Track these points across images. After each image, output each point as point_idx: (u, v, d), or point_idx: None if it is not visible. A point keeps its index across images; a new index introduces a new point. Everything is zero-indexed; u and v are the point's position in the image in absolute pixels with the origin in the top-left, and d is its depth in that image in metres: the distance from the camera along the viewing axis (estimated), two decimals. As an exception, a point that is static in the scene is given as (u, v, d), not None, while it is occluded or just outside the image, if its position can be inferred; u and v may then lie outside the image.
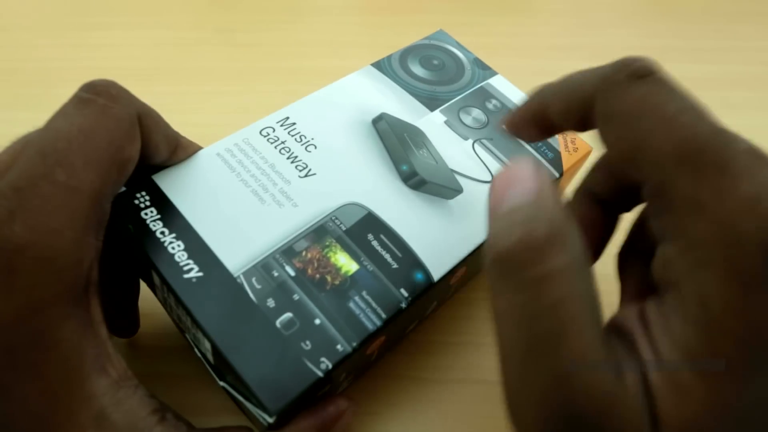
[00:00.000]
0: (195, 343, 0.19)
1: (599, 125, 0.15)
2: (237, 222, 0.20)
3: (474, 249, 0.21)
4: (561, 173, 0.24)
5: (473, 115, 0.25)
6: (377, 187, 0.22)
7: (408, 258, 0.20)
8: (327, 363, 0.17)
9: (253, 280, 0.18)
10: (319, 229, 0.20)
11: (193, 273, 0.18)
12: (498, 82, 0.27)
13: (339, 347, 0.17)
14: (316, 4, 0.44)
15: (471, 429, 0.23)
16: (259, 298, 0.18)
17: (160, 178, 0.20)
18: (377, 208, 0.21)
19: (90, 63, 0.38)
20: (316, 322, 0.18)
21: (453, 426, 0.23)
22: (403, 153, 0.23)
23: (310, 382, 0.17)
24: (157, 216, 0.19)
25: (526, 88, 0.38)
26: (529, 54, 0.41)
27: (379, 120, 0.24)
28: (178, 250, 0.19)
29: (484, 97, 0.26)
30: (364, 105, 0.24)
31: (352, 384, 0.23)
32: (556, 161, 0.24)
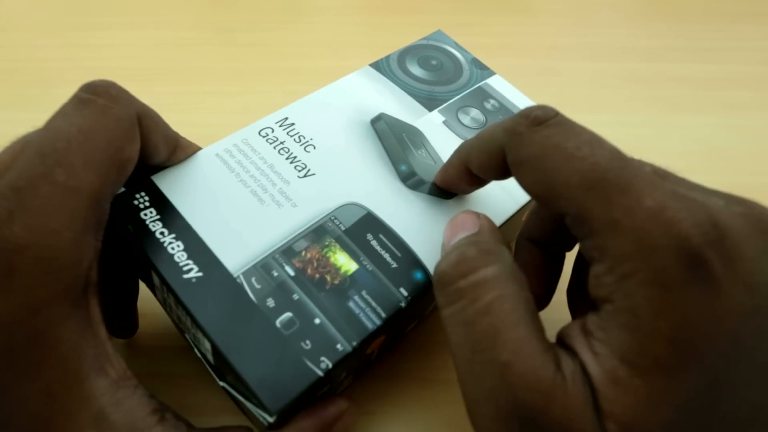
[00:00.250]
0: (195, 343, 0.19)
1: (513, 173, 0.17)
2: (236, 222, 0.20)
3: None
4: None
5: (471, 115, 0.25)
6: (376, 187, 0.22)
7: (407, 257, 0.20)
8: (327, 362, 0.17)
9: (253, 280, 0.18)
10: (319, 229, 0.20)
11: (192, 273, 0.18)
12: (496, 82, 0.27)
13: (339, 347, 0.17)
14: (316, 4, 0.44)
15: (470, 429, 0.23)
16: (259, 297, 0.18)
17: (160, 179, 0.20)
18: (376, 208, 0.21)
19: (90, 63, 0.38)
20: (316, 321, 0.18)
21: (453, 426, 0.23)
22: (401, 153, 0.23)
23: (310, 381, 0.17)
24: (157, 216, 0.19)
25: (526, 88, 0.38)
26: (529, 54, 0.41)
27: (377, 120, 0.24)
28: (178, 251, 0.19)
29: (483, 97, 0.26)
30: (362, 105, 0.24)
31: (352, 384, 0.23)
32: None
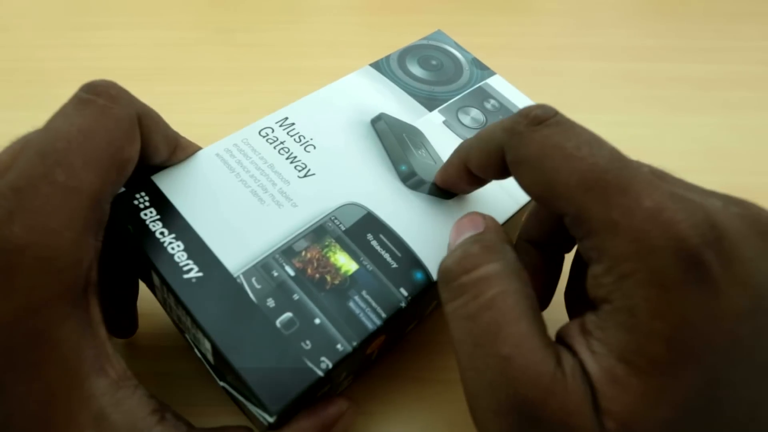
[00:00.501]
0: (195, 343, 0.19)
1: (512, 172, 0.17)
2: (236, 222, 0.20)
3: None
4: None
5: (472, 115, 0.25)
6: (376, 187, 0.22)
7: (407, 257, 0.20)
8: (327, 362, 0.17)
9: (253, 280, 0.18)
10: (319, 229, 0.20)
11: (192, 273, 0.18)
12: (496, 82, 0.27)
13: (339, 347, 0.17)
14: (316, 4, 0.44)
15: (471, 429, 0.23)
16: (259, 298, 0.18)
17: (160, 179, 0.20)
18: (376, 208, 0.21)
19: (90, 63, 0.38)
20: (316, 321, 0.18)
21: (453, 426, 0.23)
22: (401, 153, 0.23)
23: (310, 381, 0.17)
24: (157, 216, 0.19)
25: (526, 88, 0.38)
26: (529, 54, 0.41)
27: (377, 120, 0.24)
28: (178, 251, 0.19)
29: (483, 97, 0.26)
30: (362, 105, 0.24)
31: (353, 384, 0.23)
32: None
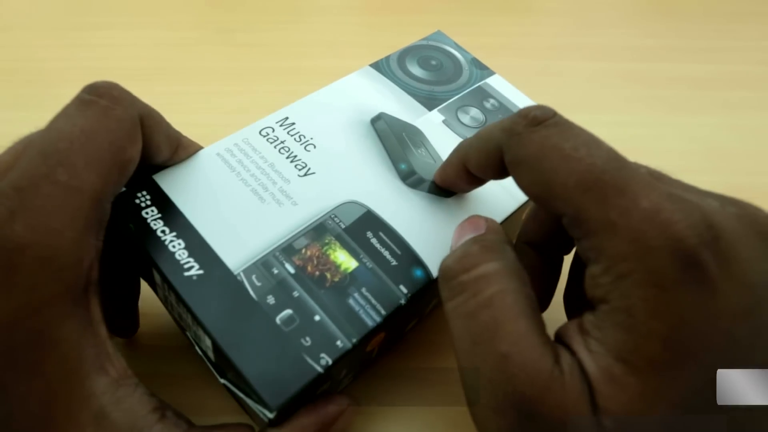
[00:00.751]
0: (196, 340, 0.19)
1: (511, 172, 0.17)
2: (237, 220, 0.20)
3: None
4: None
5: (471, 114, 0.25)
6: (376, 185, 0.22)
7: (407, 255, 0.20)
8: (327, 359, 0.17)
9: (253, 277, 0.18)
10: (319, 227, 0.20)
11: (193, 271, 0.18)
12: (496, 81, 0.27)
13: (339, 343, 0.18)
14: (316, 4, 0.44)
15: (471, 427, 0.23)
16: (259, 295, 0.18)
17: (161, 178, 0.20)
18: (376, 207, 0.21)
19: (90, 63, 0.38)
20: (316, 318, 0.18)
21: (453, 425, 0.23)
22: (401, 152, 0.23)
23: (310, 377, 0.17)
24: (158, 215, 0.19)
25: (526, 88, 0.38)
26: (529, 54, 0.41)
27: (377, 120, 0.24)
28: (179, 249, 0.19)
29: (482, 96, 0.26)
30: (362, 105, 0.24)
31: (353, 382, 0.23)
32: None
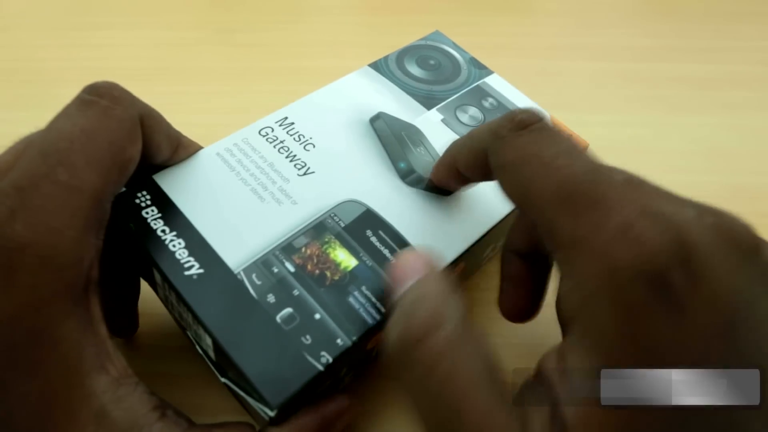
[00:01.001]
0: (196, 339, 0.19)
1: (495, 176, 0.16)
2: (237, 220, 0.20)
3: (472, 245, 0.21)
4: None
5: (470, 114, 0.25)
6: (375, 184, 0.22)
7: None
8: (327, 357, 0.17)
9: (254, 276, 0.19)
10: (319, 226, 0.20)
11: (193, 270, 0.18)
12: (494, 80, 0.27)
13: (339, 341, 0.18)
14: (316, 4, 0.44)
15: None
16: (260, 293, 0.18)
17: (161, 178, 0.20)
18: (376, 205, 0.21)
19: (90, 63, 0.38)
20: (316, 316, 0.18)
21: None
22: (400, 151, 0.23)
23: (310, 375, 0.17)
24: (158, 215, 0.19)
25: (526, 88, 0.38)
26: (529, 54, 0.41)
27: (376, 119, 0.24)
28: (179, 248, 0.19)
29: (481, 95, 0.26)
30: (361, 105, 0.25)
31: (353, 381, 0.23)
32: None
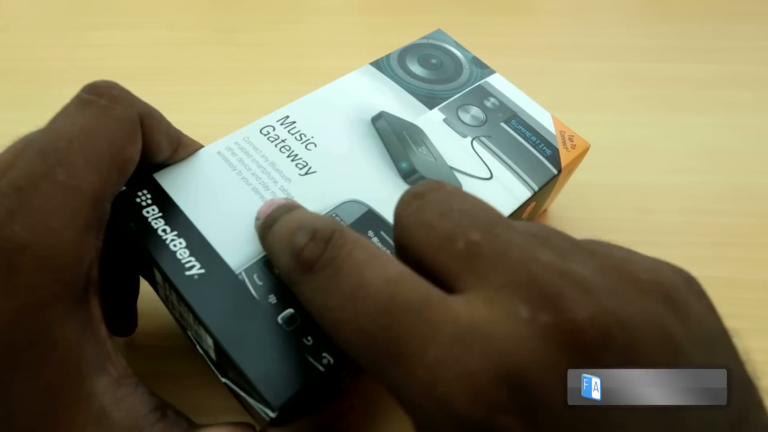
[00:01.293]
0: (197, 340, 0.19)
1: None
2: (238, 219, 0.20)
3: None
4: (559, 170, 0.24)
5: (472, 113, 0.25)
6: (377, 184, 0.22)
7: None
8: (329, 358, 0.17)
9: (255, 276, 0.18)
10: (320, 227, 0.20)
11: (194, 270, 0.18)
12: (496, 80, 0.27)
13: (340, 343, 0.17)
14: (316, 4, 0.44)
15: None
16: (261, 294, 0.18)
17: (162, 177, 0.20)
18: (377, 205, 0.21)
19: (90, 63, 0.38)
20: (317, 318, 0.18)
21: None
22: (402, 151, 0.23)
23: (312, 377, 0.17)
24: (159, 214, 0.19)
25: (527, 88, 0.38)
26: (529, 54, 0.41)
27: (378, 118, 0.24)
28: (180, 248, 0.19)
29: (483, 95, 0.26)
30: (363, 104, 0.24)
31: (354, 382, 0.23)
32: (554, 158, 0.24)
